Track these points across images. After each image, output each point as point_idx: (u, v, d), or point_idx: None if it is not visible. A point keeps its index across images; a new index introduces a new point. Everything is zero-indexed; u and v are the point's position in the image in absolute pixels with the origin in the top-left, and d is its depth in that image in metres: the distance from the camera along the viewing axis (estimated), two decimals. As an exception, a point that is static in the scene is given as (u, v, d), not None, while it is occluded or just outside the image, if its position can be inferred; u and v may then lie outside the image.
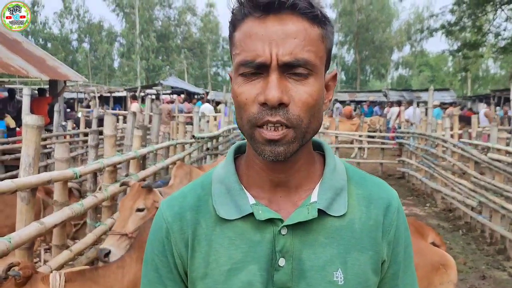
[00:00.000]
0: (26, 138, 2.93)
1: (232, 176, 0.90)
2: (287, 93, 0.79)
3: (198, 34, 50.17)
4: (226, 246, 0.86)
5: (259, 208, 0.86)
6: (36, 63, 12.69)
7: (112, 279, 2.19)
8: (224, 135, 10.23)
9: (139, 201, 3.16)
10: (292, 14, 0.80)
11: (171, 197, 0.95)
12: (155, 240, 0.92)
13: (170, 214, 0.91)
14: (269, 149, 0.80)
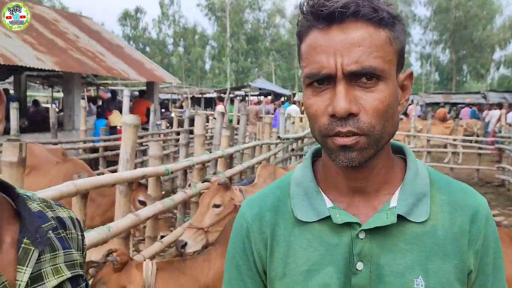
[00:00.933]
0: (124, 136, 3.18)
1: (310, 179, 0.92)
2: (356, 102, 0.79)
3: (287, 36, 50.45)
4: (304, 247, 0.88)
5: (336, 212, 0.86)
6: (135, 66, 13.62)
7: (198, 271, 2.31)
8: (309, 136, 10.21)
9: (216, 198, 3.24)
10: (356, 21, 0.79)
11: (252, 197, 0.99)
12: (236, 238, 0.96)
13: (250, 215, 0.94)
14: (342, 154, 0.81)
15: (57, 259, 0.82)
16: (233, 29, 45.06)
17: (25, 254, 0.75)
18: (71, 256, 0.85)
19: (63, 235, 0.86)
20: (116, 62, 12.90)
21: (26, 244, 0.76)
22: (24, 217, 0.78)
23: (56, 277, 0.80)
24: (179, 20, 49.68)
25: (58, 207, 0.91)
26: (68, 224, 0.89)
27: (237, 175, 5.35)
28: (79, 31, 13.58)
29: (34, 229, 0.77)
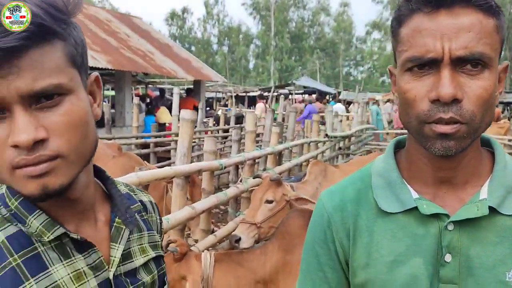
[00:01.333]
0: (181, 131, 3.27)
1: (393, 170, 0.91)
2: (461, 88, 0.77)
3: (331, 34, 49.97)
4: (388, 238, 0.88)
5: (423, 203, 0.86)
6: (183, 64, 13.90)
7: (255, 264, 2.35)
8: (356, 135, 10.08)
9: (269, 193, 3.26)
10: (466, 7, 0.78)
11: (331, 189, 1.00)
12: (316, 229, 0.97)
13: (331, 205, 0.95)
14: (440, 143, 0.79)
15: (143, 239, 0.87)
16: (277, 28, 45.09)
17: (117, 232, 0.80)
18: (153, 237, 0.90)
19: (146, 217, 0.91)
20: (165, 61, 13.23)
21: (118, 223, 0.80)
22: (115, 198, 0.83)
23: (142, 256, 0.84)
24: (223, 19, 50.24)
25: (139, 191, 0.96)
26: (149, 208, 0.94)
27: (285, 172, 5.37)
28: (130, 30, 14.01)
29: (124, 209, 0.82)
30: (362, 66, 51.91)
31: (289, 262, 2.33)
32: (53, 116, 0.64)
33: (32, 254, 0.69)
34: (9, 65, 0.60)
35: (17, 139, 0.61)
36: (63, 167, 0.66)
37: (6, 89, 0.60)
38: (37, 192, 0.65)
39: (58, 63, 0.65)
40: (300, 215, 2.43)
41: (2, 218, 0.71)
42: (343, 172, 5.16)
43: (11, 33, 0.59)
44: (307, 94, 23.50)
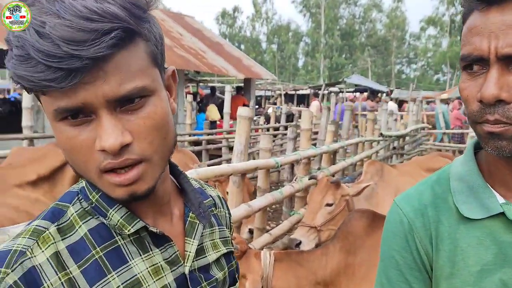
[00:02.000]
0: (239, 128, 3.26)
1: (476, 173, 0.85)
2: (509, 89, 0.72)
3: (383, 30, 48.78)
4: (474, 246, 0.82)
5: (511, 208, 0.80)
6: (234, 63, 14.00)
7: (316, 264, 2.30)
8: (411, 134, 9.77)
9: (329, 196, 3.18)
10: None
11: (406, 193, 0.94)
12: (394, 236, 0.90)
13: (410, 210, 0.89)
14: (492, 142, 0.76)
15: (214, 235, 0.86)
16: (327, 25, 44.57)
17: (191, 227, 0.79)
18: (224, 232, 0.89)
19: (215, 212, 0.90)
20: (216, 59, 13.37)
21: (192, 218, 0.80)
22: (188, 193, 0.81)
23: (215, 251, 0.83)
24: (272, 18, 50.25)
25: (207, 186, 0.95)
26: (217, 202, 0.93)
27: (340, 172, 5.27)
28: (183, 29, 14.27)
29: (197, 204, 0.80)
30: (415, 64, 50.31)
31: (351, 264, 2.27)
32: (137, 119, 0.64)
33: (113, 248, 0.70)
34: (96, 70, 0.59)
35: (104, 144, 0.61)
36: (148, 171, 0.66)
37: (94, 94, 0.60)
38: (125, 197, 0.66)
39: (142, 64, 0.64)
40: (363, 215, 2.36)
41: (83, 211, 0.71)
42: (400, 172, 4.99)
43: (99, 41, 0.57)
44: (358, 92, 23.07)
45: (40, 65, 0.57)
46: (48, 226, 0.68)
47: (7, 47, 0.62)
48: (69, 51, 0.56)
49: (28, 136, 5.55)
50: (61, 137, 0.64)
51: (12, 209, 2.55)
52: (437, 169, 3.79)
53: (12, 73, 0.60)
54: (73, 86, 0.58)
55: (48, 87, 0.58)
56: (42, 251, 0.65)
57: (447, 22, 42.27)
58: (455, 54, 38.55)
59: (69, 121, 0.62)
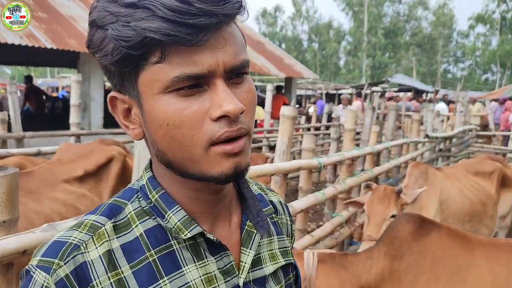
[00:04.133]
0: (281, 127, 3.22)
1: None
2: None
3: (429, 29, 47.33)
4: None
5: None
6: (275, 61, 13.97)
7: (360, 268, 2.23)
8: (458, 136, 9.41)
9: (392, 207, 3.02)
10: None
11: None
12: None
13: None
14: None
15: (273, 245, 0.81)
16: (370, 23, 43.71)
17: (248, 236, 0.75)
18: (283, 242, 0.84)
19: (276, 219, 0.86)
20: (257, 58, 13.38)
21: (249, 226, 0.76)
22: (247, 199, 0.77)
23: (272, 263, 0.79)
24: (313, 16, 49.81)
25: (269, 191, 0.91)
26: (279, 209, 0.88)
27: (383, 173, 5.14)
28: (225, 29, 14.36)
29: (256, 212, 0.77)
30: (463, 63, 48.54)
31: (397, 269, 2.18)
32: (242, 93, 0.65)
33: (168, 251, 0.67)
34: (219, 35, 0.61)
35: (227, 108, 0.60)
36: (248, 145, 0.66)
37: (216, 61, 0.61)
38: (230, 171, 0.64)
39: (243, 42, 0.67)
40: (410, 220, 2.27)
41: (141, 210, 0.70)
42: (446, 175, 4.81)
43: (229, 2, 0.60)
44: (402, 92, 22.50)
45: (171, 23, 0.57)
46: (105, 222, 0.67)
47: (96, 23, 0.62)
48: (203, 8, 0.58)
49: (75, 133, 5.73)
50: (168, 110, 0.62)
51: (60, 203, 2.63)
52: (486, 173, 3.63)
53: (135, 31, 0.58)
54: (202, 44, 0.59)
55: (186, 40, 0.58)
56: (96, 247, 0.64)
57: (498, 19, 40.52)
58: (505, 53, 36.93)
59: (182, 92, 0.61)
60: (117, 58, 0.61)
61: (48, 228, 1.50)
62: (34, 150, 4.39)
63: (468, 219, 4.69)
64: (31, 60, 14.72)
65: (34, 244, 1.44)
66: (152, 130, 0.65)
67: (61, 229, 1.52)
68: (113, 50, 0.60)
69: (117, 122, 0.71)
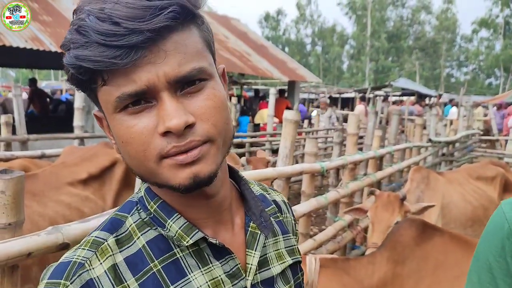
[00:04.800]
0: (284, 131, 3.23)
1: None
2: None
3: (432, 33, 47.34)
4: None
5: None
6: (278, 65, 13.99)
7: (362, 273, 2.24)
8: (461, 141, 9.40)
9: (397, 214, 2.98)
10: None
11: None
12: (491, 240, 0.88)
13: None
14: None
15: (279, 244, 0.81)
16: (374, 27, 43.74)
17: (252, 237, 0.75)
18: (289, 241, 0.84)
19: (280, 218, 0.86)
20: (261, 61, 13.41)
21: (252, 228, 0.76)
22: (248, 200, 0.78)
23: (279, 262, 0.79)
24: (317, 20, 49.89)
25: (272, 190, 0.91)
26: (283, 208, 0.89)
27: (386, 178, 5.14)
28: (228, 32, 14.41)
29: (258, 213, 0.77)
30: (466, 67, 48.49)
31: (400, 275, 2.19)
32: (197, 101, 0.63)
33: (172, 260, 0.67)
34: (157, 48, 0.59)
35: (169, 124, 0.59)
36: (211, 152, 0.63)
37: (156, 75, 0.60)
38: (188, 181, 0.62)
39: (198, 47, 0.64)
40: (413, 224, 2.27)
41: (142, 221, 0.70)
42: (448, 180, 4.79)
43: (158, 15, 0.58)
44: (405, 96, 22.48)
45: (101, 47, 0.58)
46: (107, 237, 0.67)
47: (62, 49, 0.63)
48: (129, 26, 0.57)
49: (79, 136, 5.76)
50: (120, 128, 0.63)
51: (65, 206, 2.64)
52: (488, 178, 3.62)
53: (73, 59, 0.60)
54: (136, 64, 0.59)
55: (112, 65, 0.58)
56: (100, 263, 0.65)
57: (501, 24, 40.49)
58: (509, 57, 36.88)
59: (129, 109, 0.62)
60: (74, 82, 0.63)
61: (53, 231, 1.51)
62: (38, 153, 4.41)
63: (470, 224, 4.68)
64: (35, 63, 14.80)
65: (39, 246, 1.45)
66: (118, 146, 0.67)
67: (66, 232, 1.54)
68: (71, 75, 0.63)
69: None
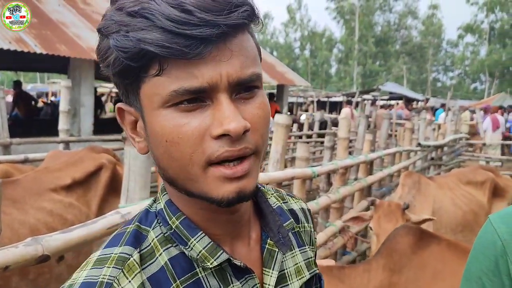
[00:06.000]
0: (275, 135, 3.16)
1: None
2: None
3: (419, 38, 47.85)
4: None
5: None
6: (267, 69, 13.95)
7: (357, 281, 2.17)
8: (449, 145, 9.44)
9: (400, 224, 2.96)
10: None
11: (505, 212, 0.85)
12: (483, 256, 0.83)
13: (507, 231, 0.80)
14: None
15: (296, 258, 0.76)
16: (361, 32, 44.05)
17: (269, 255, 0.70)
18: (306, 253, 0.79)
19: (296, 230, 0.80)
20: (249, 65, 13.38)
21: (270, 245, 0.71)
22: (266, 215, 0.73)
23: (298, 278, 0.74)
24: (307, 24, 50.10)
25: (289, 197, 0.85)
26: (300, 217, 0.83)
27: (377, 182, 5.10)
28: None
29: (276, 229, 0.72)
30: (452, 72, 49.08)
31: (396, 284, 2.13)
32: (251, 109, 0.60)
33: (193, 280, 0.63)
34: (224, 46, 0.57)
35: (228, 127, 0.56)
36: (256, 166, 0.61)
37: (219, 74, 0.57)
38: (232, 195, 0.59)
39: (255, 53, 0.63)
40: (410, 232, 2.22)
41: (163, 236, 0.65)
42: (438, 185, 4.78)
43: (234, 11, 0.56)
44: (393, 100, 22.63)
45: (168, 34, 0.54)
46: (131, 253, 0.61)
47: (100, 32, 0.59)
48: (205, 17, 0.54)
49: (64, 140, 5.62)
50: (166, 126, 0.58)
51: (46, 213, 2.55)
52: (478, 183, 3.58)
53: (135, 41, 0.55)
54: (203, 57, 0.55)
55: (182, 53, 0.54)
56: (129, 281, 0.59)
57: (486, 29, 41.06)
58: (493, 63, 37.38)
59: (182, 106, 0.57)
60: (118, 69, 0.58)
61: (32, 242, 1.42)
62: (21, 157, 4.28)
63: (460, 229, 4.66)
64: (20, 65, 14.56)
65: (17, 259, 1.36)
66: (153, 146, 0.61)
67: (46, 244, 1.44)
68: (115, 61, 0.58)
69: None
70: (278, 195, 0.83)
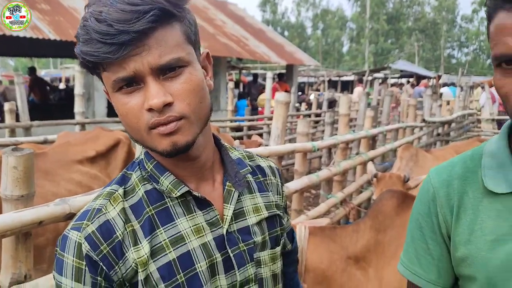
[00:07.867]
0: (276, 112, 3.37)
1: (505, 150, 0.92)
2: None
3: (432, 14, 46.99)
4: (493, 217, 0.89)
5: None
6: (276, 49, 14.03)
7: (347, 240, 2.41)
8: (457, 121, 9.53)
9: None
10: None
11: (441, 165, 1.03)
12: (421, 202, 1.01)
13: (438, 181, 0.98)
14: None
15: (256, 199, 0.98)
16: (373, 9, 43.42)
17: (228, 194, 0.92)
18: (268, 198, 1.00)
19: (261, 179, 1.02)
20: (258, 46, 13.47)
21: (228, 186, 0.93)
22: (226, 163, 0.95)
23: (255, 215, 0.95)
24: (319, 3, 49.44)
25: (259, 157, 1.08)
26: (267, 171, 1.05)
27: (379, 157, 5.29)
28: (226, 17, 14.44)
29: (233, 174, 0.94)
30: (467, 48, 48.25)
31: (381, 242, 2.36)
32: (176, 84, 0.79)
33: (163, 208, 0.86)
34: (141, 44, 0.76)
35: (151, 103, 0.76)
36: (186, 126, 0.80)
37: (141, 64, 0.76)
38: (169, 148, 0.80)
39: (178, 40, 0.80)
40: (394, 196, 2.44)
41: (142, 177, 0.89)
42: (435, 157, 4.94)
43: (141, 18, 0.74)
44: (404, 78, 22.52)
45: (99, 43, 0.74)
46: (117, 189, 0.87)
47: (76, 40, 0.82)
48: (119, 28, 0.73)
49: (80, 121, 5.91)
50: (118, 104, 0.81)
51: (76, 184, 2.78)
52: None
53: (80, 53, 0.78)
54: (125, 57, 0.75)
55: (107, 58, 0.75)
56: (113, 207, 0.84)
57: (501, 3, 40.07)
58: (509, 37, 36.57)
59: (124, 90, 0.79)
60: (84, 67, 0.81)
61: (60, 203, 1.68)
62: (41, 139, 4.57)
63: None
64: (34, 52, 14.87)
65: (49, 216, 1.63)
66: (119, 118, 0.84)
67: (72, 203, 1.71)
68: (81, 62, 0.80)
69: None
70: (247, 155, 1.06)
